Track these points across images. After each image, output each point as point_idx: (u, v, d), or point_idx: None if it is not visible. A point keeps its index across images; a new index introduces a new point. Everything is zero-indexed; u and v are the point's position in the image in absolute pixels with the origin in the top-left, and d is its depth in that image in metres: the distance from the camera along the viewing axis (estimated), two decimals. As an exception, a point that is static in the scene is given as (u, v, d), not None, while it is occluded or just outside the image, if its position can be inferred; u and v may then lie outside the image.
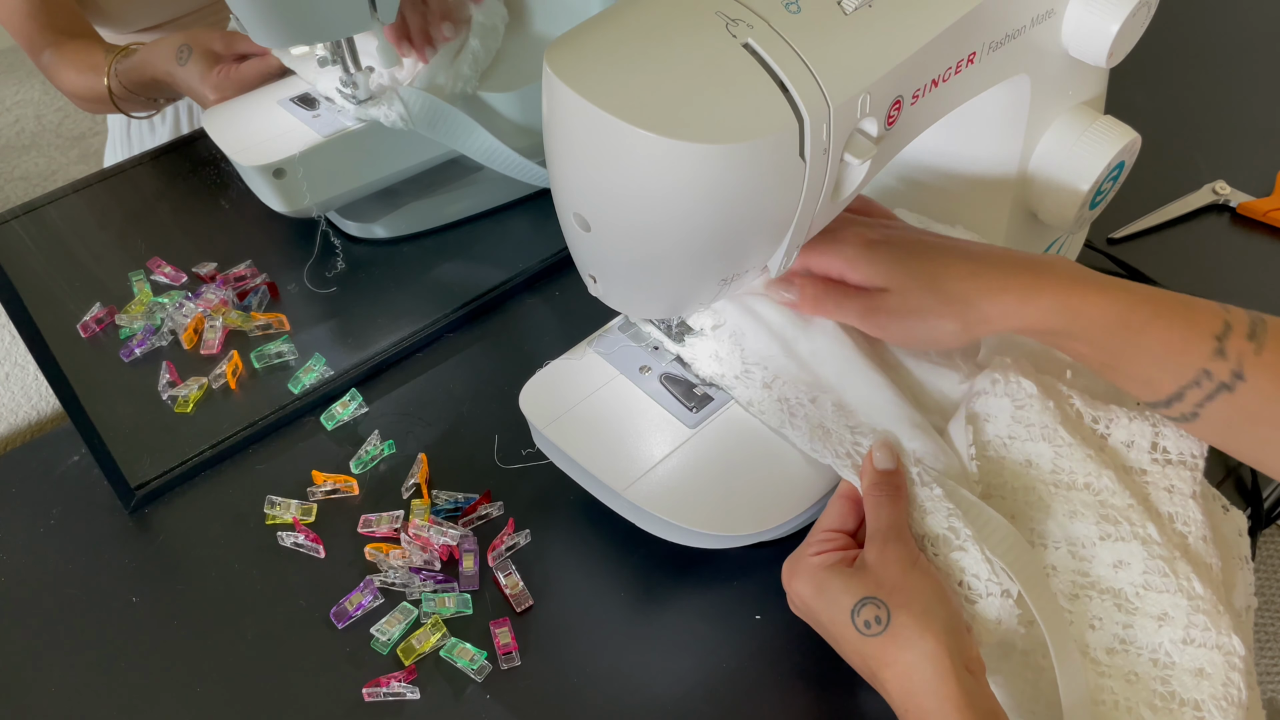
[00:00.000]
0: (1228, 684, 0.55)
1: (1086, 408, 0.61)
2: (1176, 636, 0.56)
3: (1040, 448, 0.59)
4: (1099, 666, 0.56)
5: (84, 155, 1.09)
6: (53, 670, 0.62)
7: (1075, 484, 0.59)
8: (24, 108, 1.09)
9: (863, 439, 0.59)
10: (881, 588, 0.53)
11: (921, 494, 0.57)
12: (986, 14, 0.56)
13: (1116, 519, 0.58)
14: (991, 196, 0.71)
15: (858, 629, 0.52)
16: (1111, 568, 0.57)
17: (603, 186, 0.51)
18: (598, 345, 0.68)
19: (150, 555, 0.68)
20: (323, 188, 0.83)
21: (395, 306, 0.83)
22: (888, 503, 0.57)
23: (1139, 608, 0.56)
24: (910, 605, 0.52)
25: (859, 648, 0.53)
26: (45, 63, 0.95)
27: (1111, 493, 0.58)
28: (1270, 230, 0.90)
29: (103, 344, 0.80)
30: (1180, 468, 0.61)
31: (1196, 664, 0.55)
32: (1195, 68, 1.09)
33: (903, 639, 0.51)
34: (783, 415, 0.62)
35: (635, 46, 0.49)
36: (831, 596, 0.54)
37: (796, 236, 0.54)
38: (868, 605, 0.53)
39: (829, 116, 0.49)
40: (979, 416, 0.61)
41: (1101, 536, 0.57)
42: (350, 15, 0.71)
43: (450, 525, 0.67)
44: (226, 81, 0.86)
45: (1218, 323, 0.56)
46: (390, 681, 0.61)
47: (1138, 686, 0.55)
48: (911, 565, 0.54)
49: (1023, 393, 0.60)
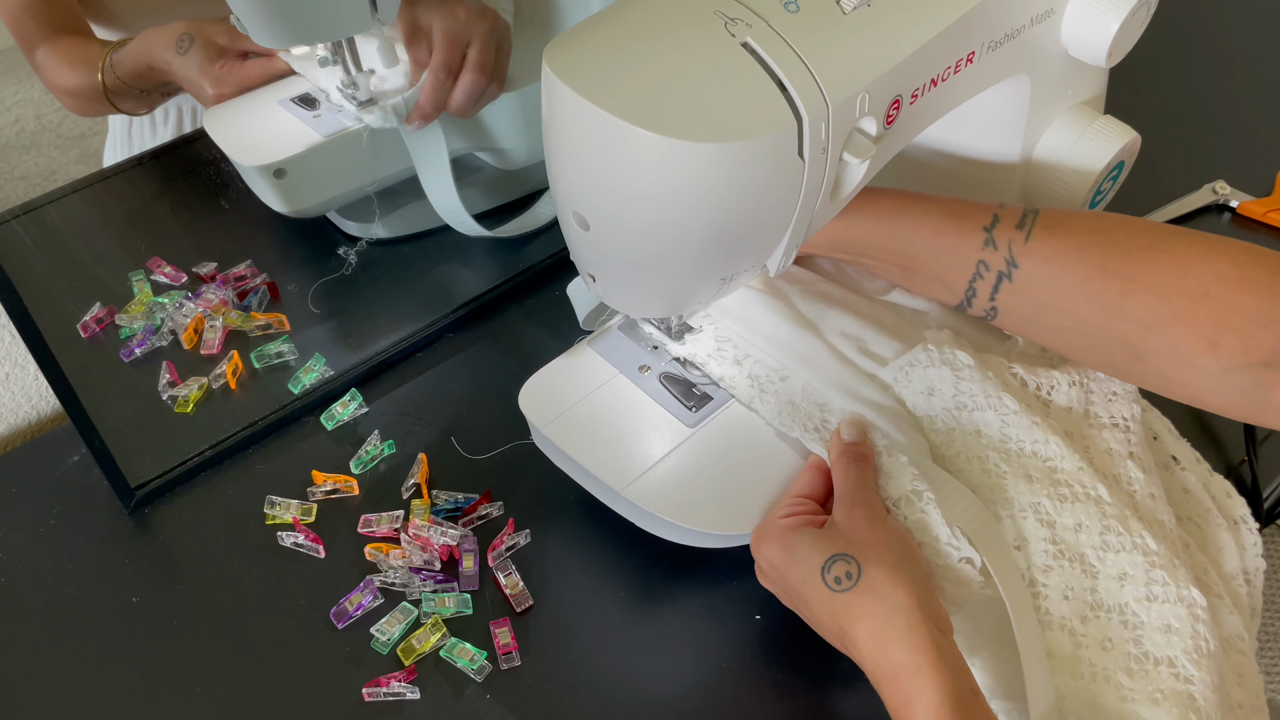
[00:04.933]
0: (1195, 636, 0.55)
1: (1028, 375, 0.62)
2: (1140, 594, 0.55)
3: (987, 416, 0.60)
4: (1075, 637, 0.55)
5: (84, 155, 1.09)
6: (53, 670, 0.62)
7: (1024, 451, 0.59)
8: (24, 108, 1.09)
9: (831, 416, 0.61)
10: (851, 544, 0.53)
11: (887, 462, 0.58)
12: (986, 13, 0.56)
13: (1069, 482, 0.58)
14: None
15: (828, 586, 0.52)
16: (1073, 532, 0.57)
17: (602, 185, 0.51)
18: (597, 344, 0.68)
19: (150, 555, 0.68)
20: (323, 188, 0.83)
21: (395, 306, 0.83)
22: (855, 467, 0.57)
23: (1100, 570, 0.56)
24: (881, 558, 0.52)
25: (829, 606, 0.52)
26: (39, 60, 0.93)
27: (1060, 457, 0.58)
28: (1270, 230, 0.90)
29: (103, 344, 0.80)
30: (1114, 430, 0.61)
31: (1164, 620, 0.55)
32: (1195, 68, 1.09)
33: (874, 592, 0.51)
34: (753, 391, 0.63)
35: (634, 46, 0.49)
36: (801, 555, 0.54)
37: (795, 236, 0.55)
38: (838, 562, 0.53)
39: (828, 116, 0.49)
40: (925, 391, 0.61)
41: (1060, 499, 0.57)
42: (351, 15, 0.71)
43: (450, 525, 0.67)
44: (228, 77, 0.85)
45: (987, 215, 0.59)
46: (390, 681, 0.61)
47: (1113, 653, 0.55)
48: (880, 522, 0.54)
49: (960, 363, 0.61)
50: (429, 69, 0.76)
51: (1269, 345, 0.53)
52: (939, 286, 0.62)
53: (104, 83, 0.90)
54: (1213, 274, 0.54)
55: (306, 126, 0.82)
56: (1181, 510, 0.63)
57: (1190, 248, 0.55)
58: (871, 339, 0.64)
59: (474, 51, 0.76)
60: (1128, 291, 0.56)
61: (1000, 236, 0.58)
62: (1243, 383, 0.54)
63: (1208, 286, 0.54)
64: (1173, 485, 0.64)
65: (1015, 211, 0.59)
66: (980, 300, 0.60)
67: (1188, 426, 0.75)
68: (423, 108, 0.77)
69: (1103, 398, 0.62)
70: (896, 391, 0.62)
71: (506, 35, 0.79)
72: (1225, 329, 0.54)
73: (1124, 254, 0.56)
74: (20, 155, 1.07)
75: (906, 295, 0.68)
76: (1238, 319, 0.53)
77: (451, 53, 0.76)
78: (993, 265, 0.59)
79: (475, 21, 0.76)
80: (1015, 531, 0.57)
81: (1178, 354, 0.55)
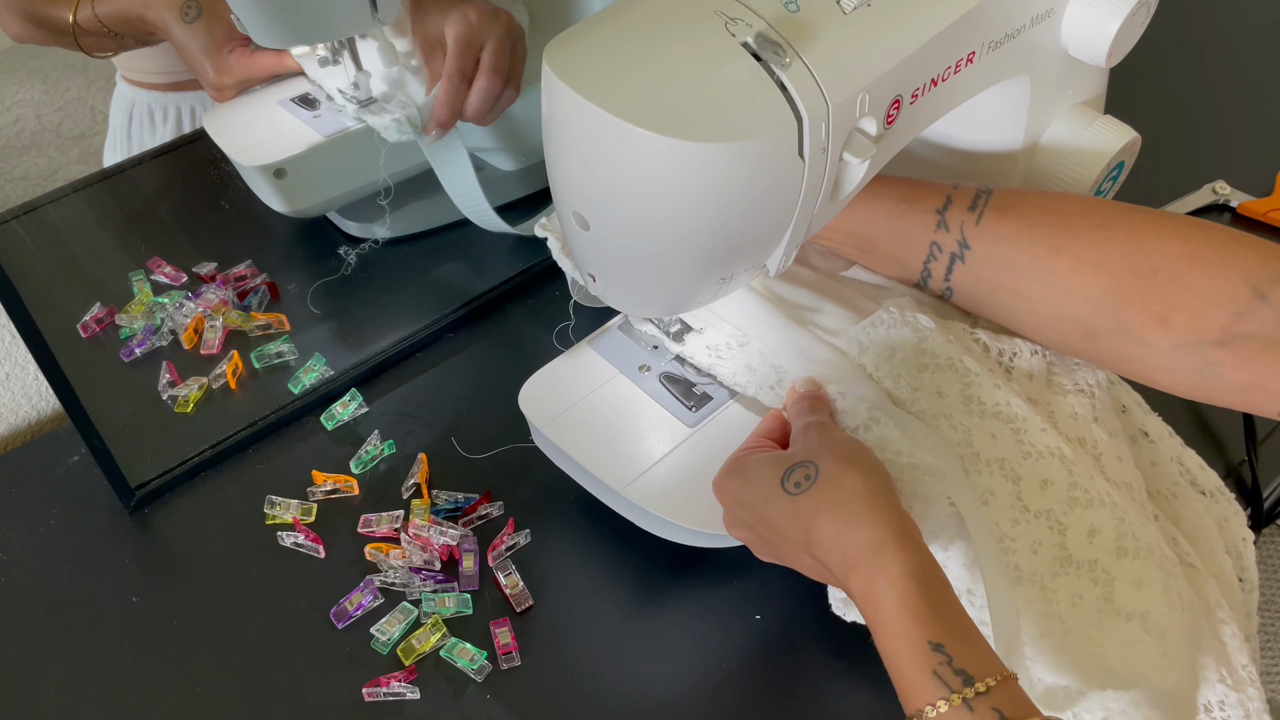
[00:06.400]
0: (1168, 591, 0.54)
1: (991, 340, 0.62)
2: (1109, 549, 0.55)
3: (948, 377, 0.59)
4: (1047, 593, 0.55)
5: (84, 155, 1.09)
6: (53, 670, 0.62)
7: (986, 412, 0.58)
8: (24, 108, 1.09)
9: (786, 377, 0.62)
10: (807, 453, 0.53)
11: (844, 404, 0.59)
12: (986, 13, 0.56)
13: (1033, 442, 0.57)
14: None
15: (788, 493, 0.52)
16: (1039, 487, 0.56)
17: (601, 185, 0.51)
18: (597, 344, 0.68)
19: (150, 555, 0.68)
20: (323, 188, 0.83)
21: (395, 306, 0.83)
22: (809, 403, 0.58)
23: (1068, 526, 0.56)
24: (837, 455, 0.52)
25: (792, 513, 0.51)
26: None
27: (1024, 418, 0.57)
28: (1270, 230, 0.90)
29: (103, 344, 0.80)
30: (1079, 395, 0.61)
31: (1134, 576, 0.54)
32: (1195, 68, 1.09)
33: (832, 483, 0.51)
34: (711, 359, 0.64)
35: (634, 45, 0.49)
36: (759, 475, 0.54)
37: (795, 235, 0.55)
38: (796, 469, 0.53)
39: (828, 115, 0.49)
40: (887, 352, 0.61)
41: (1025, 455, 0.57)
42: (351, 15, 0.71)
43: (450, 525, 0.67)
44: (236, 65, 0.82)
45: (940, 197, 0.59)
46: (390, 681, 0.61)
47: (1084, 608, 0.54)
48: (835, 433, 0.55)
49: (922, 325, 0.60)
50: (443, 75, 0.74)
51: (1219, 323, 0.53)
52: (895, 266, 0.63)
53: (76, 21, 0.81)
54: (1162, 252, 0.54)
55: (306, 126, 0.82)
56: (1151, 485, 0.63)
57: (1140, 226, 0.55)
58: (829, 311, 0.64)
59: (488, 54, 0.74)
60: (1077, 271, 0.56)
61: (952, 218, 0.59)
62: (1194, 361, 0.54)
63: (1157, 264, 0.54)
64: (1141, 459, 0.64)
65: (968, 192, 0.59)
66: (935, 281, 0.61)
67: (1188, 426, 0.75)
68: (438, 116, 0.75)
69: (1065, 366, 0.62)
70: (856, 356, 0.62)
71: (521, 38, 0.77)
72: (1176, 307, 0.54)
73: (1074, 233, 0.56)
74: (20, 155, 1.07)
75: (868, 272, 0.68)
76: (1188, 297, 0.53)
77: (465, 57, 0.74)
78: (945, 247, 0.59)
79: (488, 24, 0.74)
80: (981, 486, 0.57)
81: (1128, 332, 0.55)
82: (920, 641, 0.45)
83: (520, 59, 0.77)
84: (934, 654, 0.45)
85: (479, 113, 0.76)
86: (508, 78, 0.76)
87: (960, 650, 0.45)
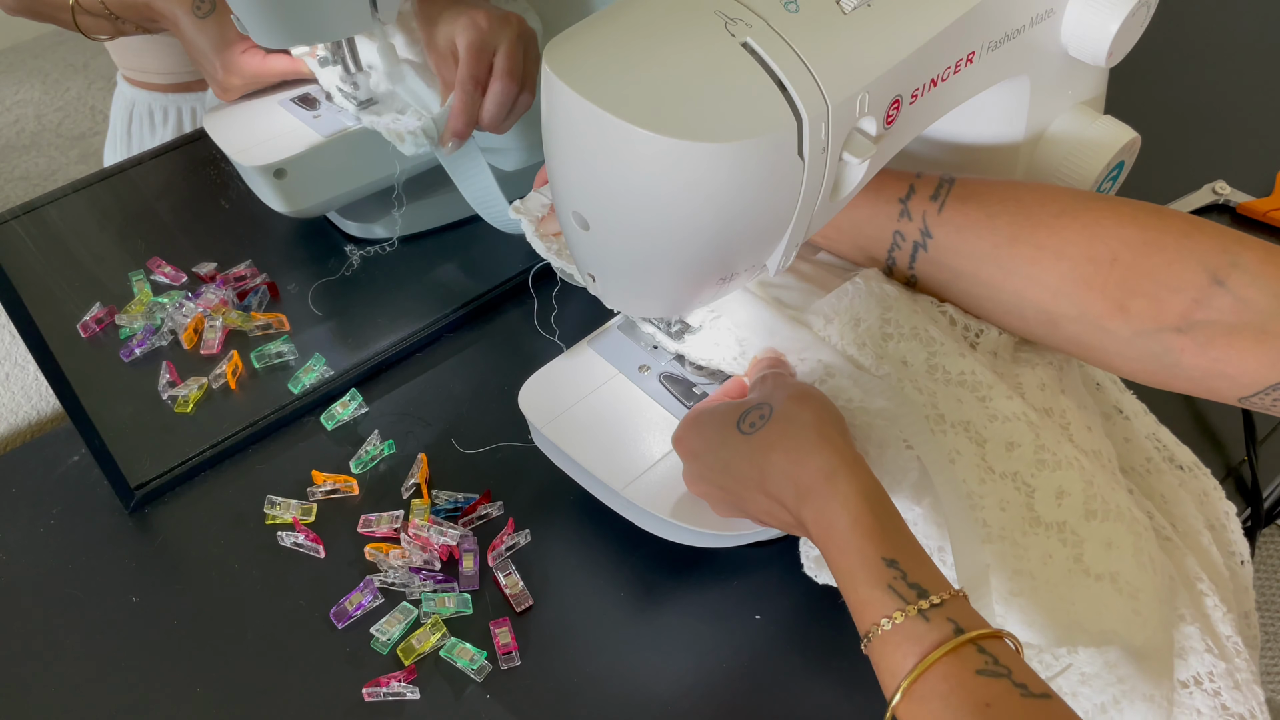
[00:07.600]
0: (1138, 552, 0.54)
1: (958, 315, 0.62)
2: (1078, 511, 0.55)
3: (913, 346, 0.59)
4: (1018, 549, 0.55)
5: (84, 155, 1.09)
6: (53, 670, 0.62)
7: (951, 380, 0.58)
8: (24, 108, 1.09)
9: (750, 350, 0.62)
10: (763, 397, 0.55)
11: (804, 370, 0.59)
12: (985, 13, 0.56)
13: (999, 406, 0.57)
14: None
15: (743, 433, 0.53)
16: (1006, 449, 0.56)
17: (601, 185, 0.51)
18: (597, 344, 0.68)
19: (150, 555, 0.68)
20: (323, 188, 0.83)
21: (395, 306, 0.83)
22: (768, 363, 0.60)
23: (1036, 488, 0.56)
24: (790, 394, 0.53)
25: (747, 452, 0.53)
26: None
27: (989, 385, 0.58)
28: (1270, 230, 0.90)
29: (103, 344, 0.80)
30: (1048, 367, 0.61)
31: (1104, 537, 0.55)
32: (1195, 68, 1.09)
33: (785, 418, 0.52)
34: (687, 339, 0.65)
35: (634, 45, 0.49)
36: (715, 422, 0.55)
37: (795, 235, 0.54)
38: (751, 411, 0.54)
39: (827, 115, 0.49)
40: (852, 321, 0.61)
41: (990, 418, 0.57)
42: (351, 15, 0.71)
43: (450, 525, 0.67)
44: (247, 66, 0.81)
45: (903, 186, 0.60)
46: (390, 681, 0.61)
47: (1054, 567, 0.54)
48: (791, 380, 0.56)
49: (888, 295, 0.61)
50: (456, 83, 0.73)
51: (1178, 309, 0.53)
52: (860, 255, 0.63)
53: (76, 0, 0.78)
54: (1120, 239, 0.54)
55: (306, 126, 0.82)
56: (1125, 461, 0.63)
57: (1099, 213, 0.55)
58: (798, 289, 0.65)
59: (500, 58, 0.73)
60: (1037, 259, 0.56)
61: (915, 207, 0.59)
62: (1153, 347, 0.54)
63: (1115, 251, 0.54)
64: (1115, 435, 0.64)
65: (931, 181, 0.60)
66: (900, 269, 0.62)
67: (1188, 426, 0.75)
68: (455, 126, 0.74)
69: (1033, 346, 0.62)
70: (821, 328, 0.62)
71: (533, 41, 0.76)
72: (1134, 294, 0.54)
73: (1034, 221, 0.56)
74: (20, 155, 1.07)
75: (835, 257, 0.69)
76: (1146, 283, 0.53)
77: (477, 63, 0.72)
78: (908, 236, 0.60)
79: (499, 28, 0.73)
80: (947, 446, 0.57)
81: (1088, 319, 0.55)
82: (874, 558, 0.46)
83: (534, 62, 0.76)
84: (888, 569, 0.46)
85: (495, 119, 0.75)
86: (522, 82, 0.75)
87: (914, 567, 0.46)
